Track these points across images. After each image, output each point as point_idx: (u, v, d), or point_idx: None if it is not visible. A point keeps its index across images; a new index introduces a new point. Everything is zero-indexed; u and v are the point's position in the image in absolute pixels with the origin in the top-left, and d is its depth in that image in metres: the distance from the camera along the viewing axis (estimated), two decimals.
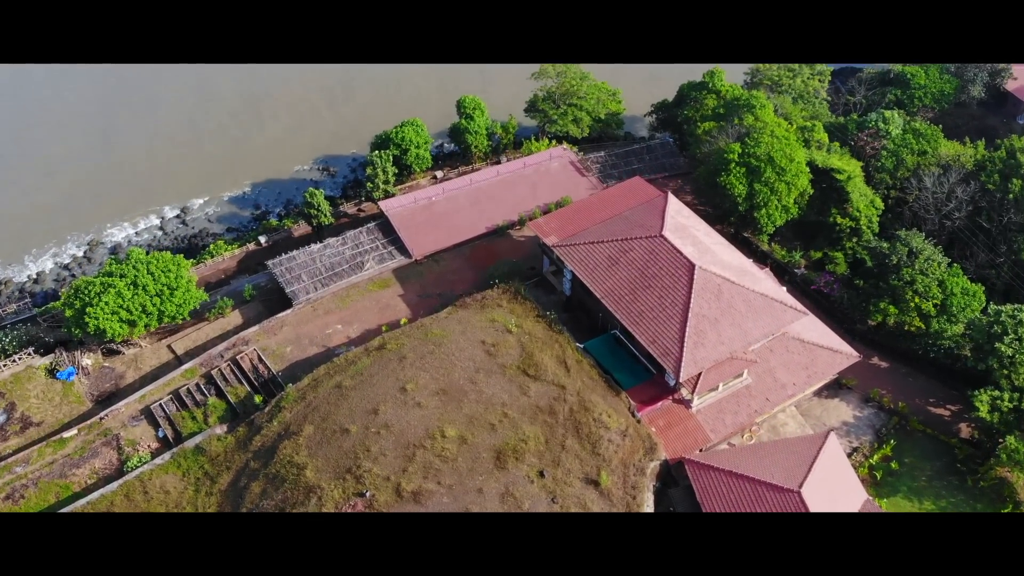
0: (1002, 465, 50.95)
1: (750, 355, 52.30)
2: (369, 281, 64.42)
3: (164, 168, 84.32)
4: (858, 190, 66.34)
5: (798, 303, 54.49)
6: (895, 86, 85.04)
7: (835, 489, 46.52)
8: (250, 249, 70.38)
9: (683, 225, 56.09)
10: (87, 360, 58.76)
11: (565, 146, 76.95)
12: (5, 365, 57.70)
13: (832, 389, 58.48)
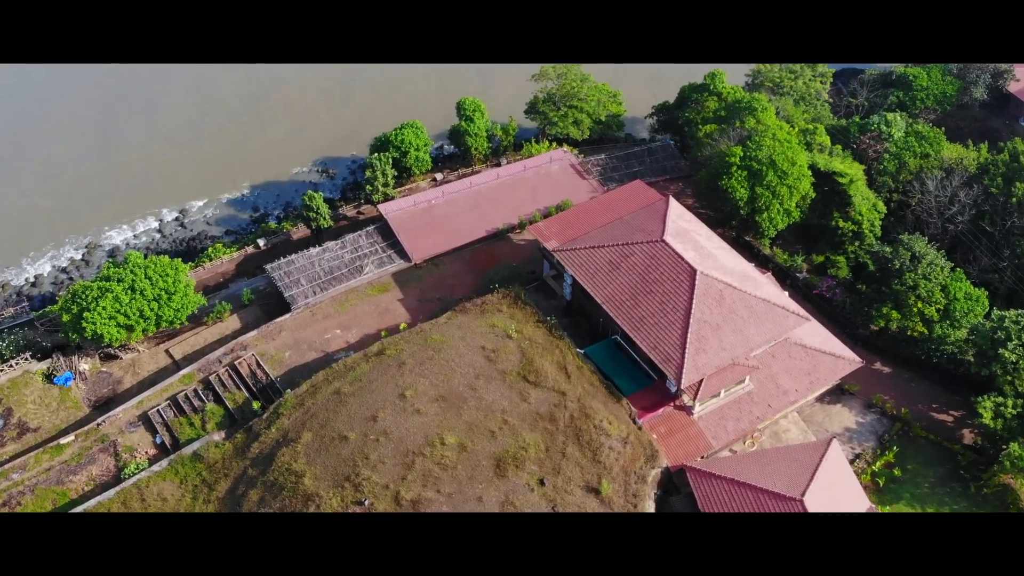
0: (1006, 472, 50.60)
1: (752, 361, 51.91)
2: (368, 285, 64.04)
3: (163, 170, 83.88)
4: (860, 193, 65.90)
5: (800, 308, 54.09)
6: (897, 88, 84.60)
7: (838, 496, 46.17)
8: (248, 252, 69.97)
9: (684, 229, 55.71)
10: (84, 365, 58.40)
11: (565, 148, 76.51)
12: (2, 370, 57.37)
13: (834, 395, 58.10)
